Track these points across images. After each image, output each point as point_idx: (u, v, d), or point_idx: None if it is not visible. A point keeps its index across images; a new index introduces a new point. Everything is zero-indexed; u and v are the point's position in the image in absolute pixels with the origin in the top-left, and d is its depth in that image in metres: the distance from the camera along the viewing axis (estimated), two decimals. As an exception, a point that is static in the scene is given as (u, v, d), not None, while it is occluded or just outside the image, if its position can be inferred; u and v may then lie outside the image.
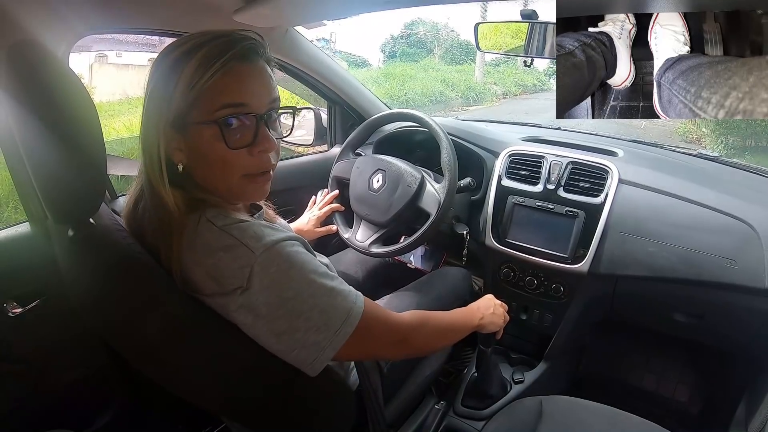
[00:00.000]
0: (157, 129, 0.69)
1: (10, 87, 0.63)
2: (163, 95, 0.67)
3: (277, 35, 1.44)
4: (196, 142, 0.69)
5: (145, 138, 0.70)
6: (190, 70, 0.65)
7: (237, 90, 0.67)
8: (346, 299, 0.71)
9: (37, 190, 0.72)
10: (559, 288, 1.41)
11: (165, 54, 0.69)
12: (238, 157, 0.70)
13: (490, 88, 12.40)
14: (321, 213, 1.46)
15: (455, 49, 16.43)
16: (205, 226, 0.69)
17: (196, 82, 0.65)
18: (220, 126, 0.67)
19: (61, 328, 1.11)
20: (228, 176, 0.72)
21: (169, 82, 0.67)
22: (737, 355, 1.43)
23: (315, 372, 0.70)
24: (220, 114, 0.67)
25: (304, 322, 0.67)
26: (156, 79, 0.69)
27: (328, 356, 0.69)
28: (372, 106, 1.81)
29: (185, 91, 0.66)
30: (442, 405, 1.42)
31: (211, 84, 0.65)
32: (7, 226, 1.09)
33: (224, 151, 0.68)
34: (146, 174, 0.71)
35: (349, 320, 0.70)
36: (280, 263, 0.67)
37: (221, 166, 0.70)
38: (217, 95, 0.66)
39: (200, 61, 0.65)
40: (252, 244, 0.66)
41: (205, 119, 0.67)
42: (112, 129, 5.95)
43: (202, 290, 0.69)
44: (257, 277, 0.65)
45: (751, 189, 1.34)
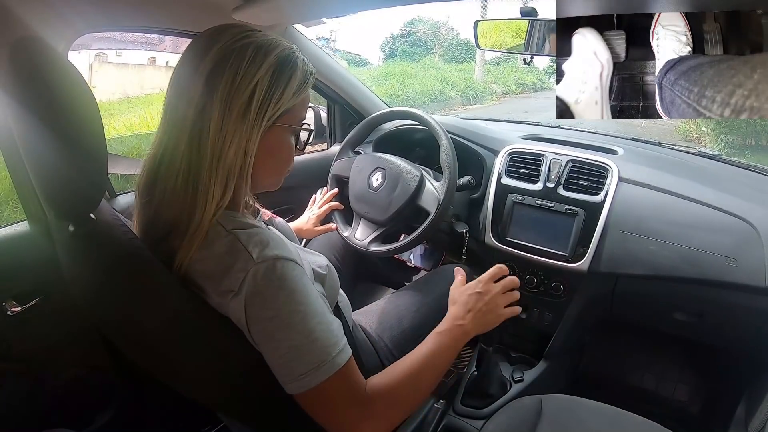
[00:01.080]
0: (256, 122, 0.70)
1: (12, 84, 0.63)
2: (269, 92, 0.71)
3: (276, 34, 1.43)
4: (276, 140, 0.75)
5: (217, 130, 0.68)
6: (295, 80, 0.73)
7: (305, 110, 0.80)
8: (323, 347, 0.67)
9: (36, 187, 0.72)
10: (559, 287, 1.40)
11: (267, 50, 0.71)
12: (293, 157, 0.81)
13: (490, 87, 12.42)
14: (320, 212, 1.46)
15: (455, 48, 16.46)
16: (215, 228, 0.70)
17: (299, 93, 0.74)
18: (299, 134, 0.81)
19: (61, 326, 1.11)
20: (284, 170, 0.81)
21: (278, 81, 0.71)
22: (737, 354, 1.43)
23: (287, 391, 0.68)
24: (302, 124, 0.80)
25: (274, 349, 0.67)
26: (256, 72, 0.69)
27: (291, 390, 0.68)
28: (371, 104, 1.81)
29: (293, 96, 0.73)
30: (442, 404, 1.42)
31: (303, 99, 0.77)
32: (6, 224, 1.09)
33: (292, 151, 0.80)
34: (189, 173, 0.69)
35: (318, 372, 0.66)
36: (272, 279, 0.66)
37: (284, 162, 0.80)
38: (301, 109, 0.78)
39: (302, 73, 0.74)
40: (254, 251, 0.67)
41: (293, 125, 0.77)
42: (111, 128, 5.96)
43: (202, 287, 0.70)
44: (247, 285, 0.65)
45: (752, 188, 1.34)
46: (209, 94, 0.68)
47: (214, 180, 0.69)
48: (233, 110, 0.68)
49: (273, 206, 1.06)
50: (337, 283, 0.94)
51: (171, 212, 0.71)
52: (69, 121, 0.63)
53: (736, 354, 1.43)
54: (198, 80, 0.68)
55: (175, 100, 0.71)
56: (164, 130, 0.73)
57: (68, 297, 0.84)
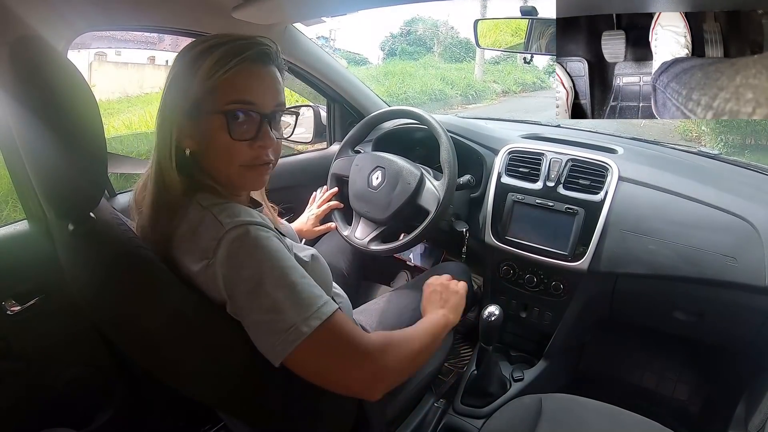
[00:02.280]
0: (173, 115, 0.74)
1: (12, 83, 0.63)
2: (183, 85, 0.73)
3: (276, 32, 1.43)
4: (206, 129, 0.74)
5: (159, 123, 0.76)
6: (209, 63, 0.71)
7: (247, 88, 0.73)
8: (308, 299, 0.68)
9: (35, 186, 0.72)
10: (559, 286, 1.40)
11: (187, 50, 0.74)
12: (239, 148, 0.75)
13: (489, 86, 12.40)
14: (320, 211, 1.46)
15: (455, 47, 16.43)
16: (194, 206, 0.73)
17: (213, 75, 0.71)
18: (227, 117, 0.73)
19: (61, 325, 1.11)
20: (228, 164, 0.76)
21: (189, 73, 0.72)
22: (737, 353, 1.43)
23: (275, 363, 0.67)
24: (229, 107, 0.73)
25: (257, 307, 0.66)
26: (176, 70, 0.74)
27: (280, 354, 0.66)
28: (371, 103, 1.81)
29: (202, 82, 0.71)
30: (442, 403, 1.43)
31: (226, 79, 0.71)
32: (6, 224, 1.09)
33: (228, 140, 0.74)
34: (156, 156, 0.76)
35: (306, 323, 0.66)
36: (246, 241, 0.68)
37: (223, 154, 0.75)
38: (229, 90, 0.72)
39: (219, 56, 0.71)
40: (225, 220, 0.69)
41: (217, 110, 0.72)
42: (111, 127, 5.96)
43: (181, 265, 0.72)
44: (222, 249, 0.67)
45: (751, 187, 1.34)
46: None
47: (155, 169, 0.76)
48: (160, 108, 0.76)
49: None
50: (328, 275, 0.93)
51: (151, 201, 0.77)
52: (69, 120, 0.64)
53: (736, 353, 1.43)
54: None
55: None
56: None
57: (68, 296, 0.84)
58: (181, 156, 0.76)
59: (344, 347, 0.70)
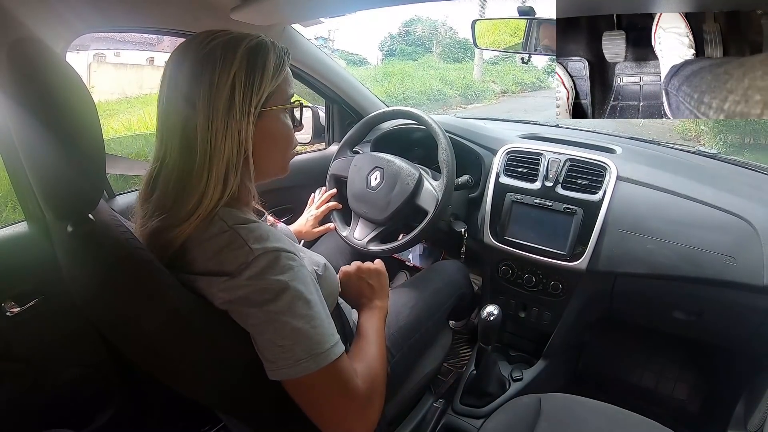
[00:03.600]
0: (243, 113, 0.72)
1: (10, 85, 0.63)
2: (249, 82, 0.73)
3: (275, 33, 1.44)
4: (271, 124, 0.77)
5: (212, 130, 0.71)
6: (271, 64, 0.74)
7: (291, 84, 0.81)
8: (323, 336, 0.69)
9: (34, 187, 0.72)
10: (558, 285, 1.41)
11: (231, 45, 0.73)
12: (294, 136, 0.84)
13: (488, 86, 12.41)
14: (318, 212, 1.46)
15: (454, 47, 16.45)
16: (216, 222, 0.72)
17: (278, 74, 0.76)
18: (292, 111, 0.82)
19: (60, 326, 1.11)
20: (287, 151, 0.83)
21: (255, 68, 0.73)
22: (736, 352, 1.43)
23: (271, 377, 0.69)
24: (291, 102, 0.81)
25: (273, 331, 0.67)
26: (235, 70, 0.72)
27: (281, 375, 0.68)
28: (370, 104, 1.81)
29: (271, 81, 0.74)
30: (441, 403, 1.43)
31: (284, 78, 0.77)
32: (5, 225, 1.09)
33: (291, 131, 0.82)
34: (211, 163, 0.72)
35: (315, 360, 0.67)
36: (272, 267, 0.68)
37: (286, 143, 0.82)
38: (286, 87, 0.78)
39: (276, 55, 0.75)
40: (253, 243, 0.68)
41: (283, 104, 0.78)
42: (110, 128, 5.94)
43: (192, 268, 0.72)
44: (247, 271, 0.67)
45: (750, 186, 1.34)
46: (192, 104, 0.70)
47: (207, 177, 0.71)
48: (218, 109, 0.70)
49: (272, 206, 1.05)
50: (337, 284, 0.94)
51: (164, 204, 0.74)
52: (67, 121, 0.63)
53: (736, 352, 1.43)
54: (179, 97, 0.72)
55: (164, 119, 0.75)
56: (158, 147, 0.76)
57: (67, 297, 0.84)
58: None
59: (341, 390, 0.71)
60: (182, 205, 0.72)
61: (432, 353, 1.26)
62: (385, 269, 1.05)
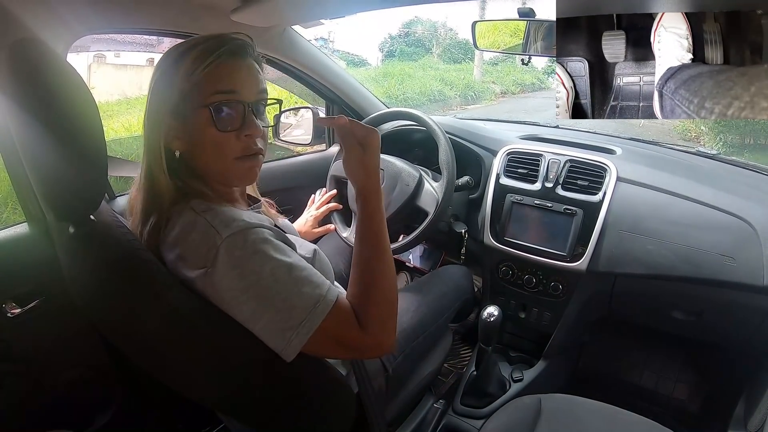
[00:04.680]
0: (158, 117, 0.75)
1: (11, 85, 0.63)
2: (165, 87, 0.75)
3: (275, 34, 1.44)
4: (193, 126, 0.75)
5: (147, 128, 0.76)
6: (188, 63, 0.73)
7: (228, 80, 0.74)
8: (313, 290, 0.70)
9: (35, 188, 0.72)
10: (558, 286, 1.41)
11: (167, 54, 0.76)
12: (227, 140, 0.75)
13: (488, 87, 12.40)
14: (319, 213, 1.46)
15: (454, 48, 16.45)
16: (187, 212, 0.73)
17: (193, 72, 0.72)
18: (212, 110, 0.73)
19: (61, 327, 1.11)
20: (220, 158, 0.77)
21: (171, 75, 0.74)
22: (736, 352, 1.43)
23: (288, 358, 0.70)
24: (212, 99, 0.73)
25: (268, 309, 0.68)
26: (159, 75, 0.76)
27: (295, 347, 0.69)
28: (370, 105, 1.81)
29: (184, 81, 0.73)
30: (441, 403, 1.43)
31: (206, 74, 0.72)
32: (6, 226, 1.09)
33: (215, 133, 0.74)
34: (146, 161, 0.77)
35: (316, 312, 0.69)
36: (245, 247, 0.68)
37: (213, 148, 0.76)
38: (210, 84, 0.73)
39: (197, 55, 0.72)
40: (220, 227, 0.69)
41: (202, 104, 0.73)
42: (110, 129, 5.93)
43: (174, 269, 0.72)
44: (221, 259, 0.67)
45: (750, 187, 1.34)
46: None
47: (146, 172, 0.77)
48: (149, 111, 0.76)
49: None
50: (330, 272, 0.93)
51: (142, 206, 0.78)
52: (68, 122, 0.64)
53: (735, 352, 1.43)
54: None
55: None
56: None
57: (68, 298, 0.84)
58: (171, 160, 0.77)
59: (351, 325, 0.73)
60: (149, 198, 0.77)
61: (433, 355, 1.26)
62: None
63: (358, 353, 0.81)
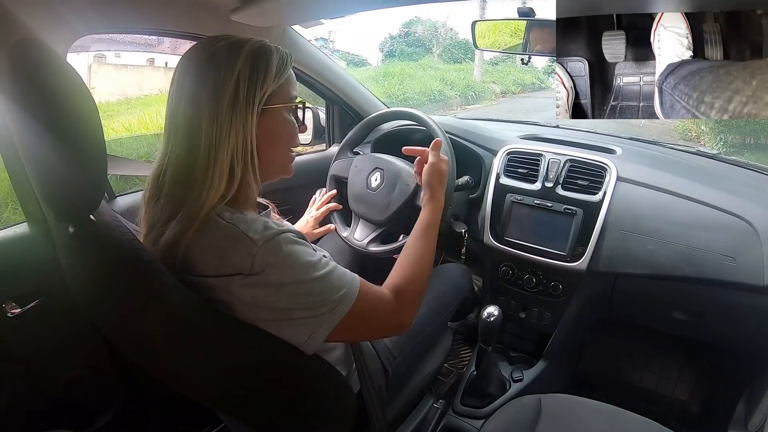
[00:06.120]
0: (247, 108, 0.76)
1: (11, 85, 0.64)
2: (252, 79, 0.76)
3: (275, 34, 1.44)
4: (273, 121, 0.80)
5: (224, 125, 0.74)
6: (274, 63, 0.78)
7: (295, 85, 0.85)
8: (341, 280, 0.76)
9: (35, 189, 0.72)
10: (558, 286, 1.41)
11: (235, 48, 0.76)
12: (296, 134, 0.87)
13: (489, 87, 12.40)
14: (319, 213, 1.46)
15: (454, 48, 16.43)
16: (213, 219, 0.73)
17: (280, 75, 0.79)
18: (295, 110, 0.85)
19: (61, 328, 1.11)
20: (287, 149, 0.86)
21: (258, 67, 0.76)
22: (737, 352, 1.43)
23: (310, 351, 0.74)
24: (292, 100, 0.83)
25: (302, 303, 0.72)
26: (239, 71, 0.75)
27: (322, 334, 0.74)
28: (370, 105, 1.81)
29: (273, 80, 0.78)
30: (441, 403, 1.43)
31: (287, 78, 0.81)
32: (6, 226, 1.09)
33: (294, 129, 0.85)
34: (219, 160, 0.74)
35: (345, 300, 0.75)
36: (279, 252, 0.71)
37: (287, 140, 0.85)
38: (289, 88, 0.82)
39: (279, 57, 0.79)
40: (254, 236, 0.71)
41: (287, 101, 0.82)
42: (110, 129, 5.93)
43: (204, 272, 0.72)
44: (259, 265, 0.69)
45: (750, 186, 1.34)
46: (198, 102, 0.74)
47: (213, 169, 0.73)
48: (223, 104, 0.73)
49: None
50: None
51: (172, 206, 0.75)
52: (68, 122, 0.64)
53: (736, 352, 1.43)
54: (186, 96, 0.75)
55: (171, 119, 0.77)
56: (164, 147, 0.78)
57: (68, 298, 0.84)
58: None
59: (377, 306, 0.82)
60: (191, 199, 0.73)
61: (433, 355, 1.26)
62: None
63: (382, 331, 0.90)
